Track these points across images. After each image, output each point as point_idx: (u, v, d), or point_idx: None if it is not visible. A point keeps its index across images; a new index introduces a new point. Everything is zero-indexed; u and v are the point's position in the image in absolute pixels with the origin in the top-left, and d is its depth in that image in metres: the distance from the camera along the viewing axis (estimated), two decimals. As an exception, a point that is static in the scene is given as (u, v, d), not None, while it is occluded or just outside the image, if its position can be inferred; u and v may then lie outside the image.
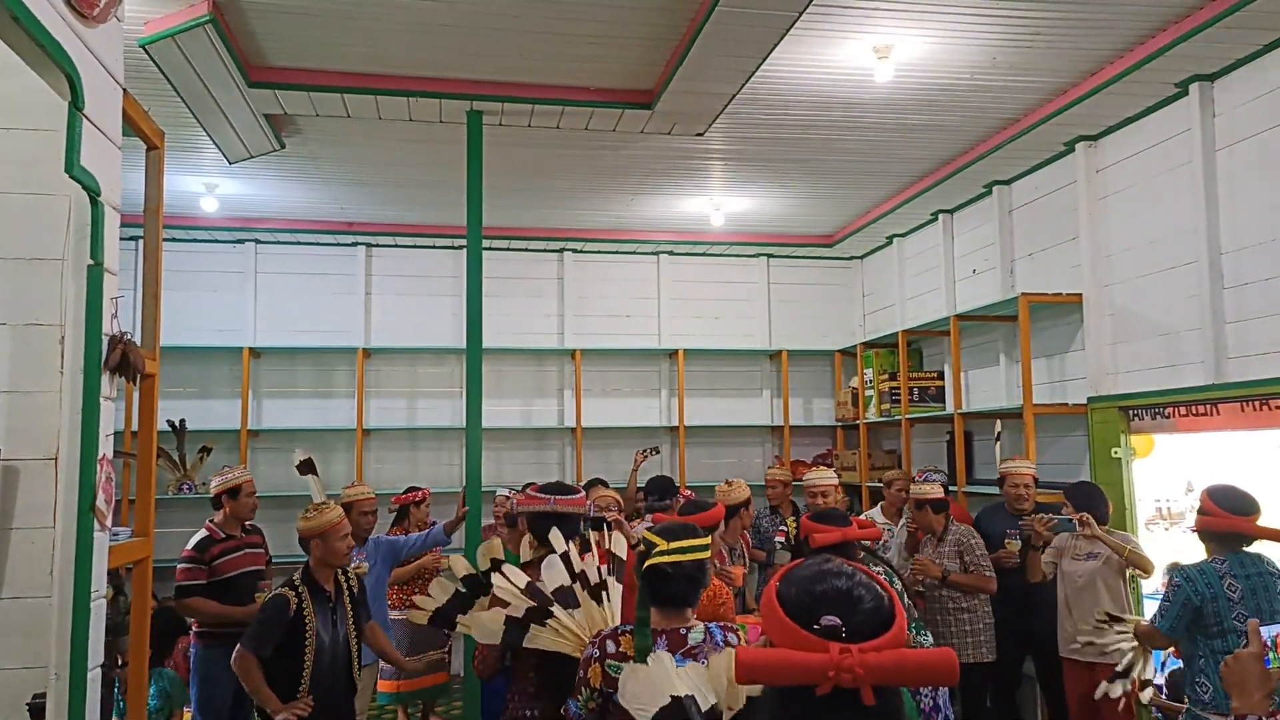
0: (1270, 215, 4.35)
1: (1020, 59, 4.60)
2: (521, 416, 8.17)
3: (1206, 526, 3.50)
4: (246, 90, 4.75)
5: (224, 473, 4.90)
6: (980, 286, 6.66)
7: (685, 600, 2.40)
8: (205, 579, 4.60)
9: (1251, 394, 4.33)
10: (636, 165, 6.23)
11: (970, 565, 4.77)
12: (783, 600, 1.28)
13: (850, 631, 1.22)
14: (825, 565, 1.33)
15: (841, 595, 1.27)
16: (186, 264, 7.57)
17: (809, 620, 1.24)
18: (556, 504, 3.26)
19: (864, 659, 1.17)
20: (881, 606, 1.27)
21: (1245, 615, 3.35)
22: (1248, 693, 1.91)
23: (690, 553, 2.39)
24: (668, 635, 2.32)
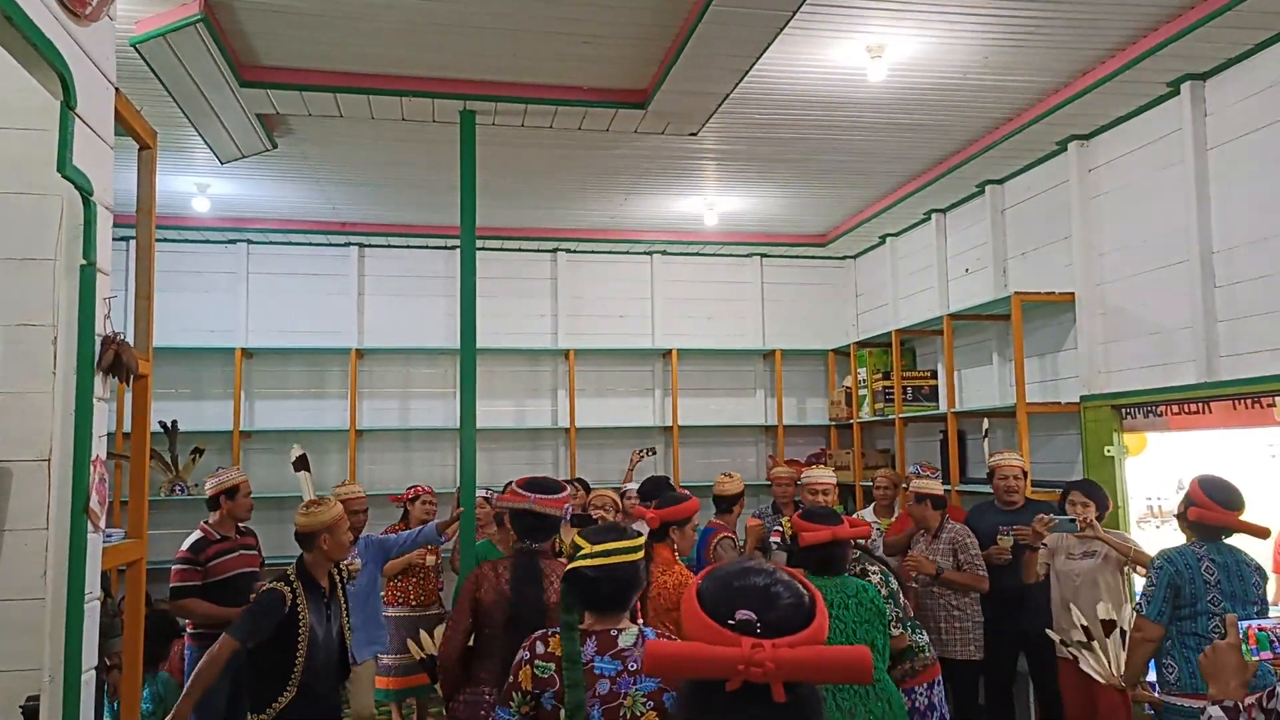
0: (1261, 214, 4.37)
1: (1013, 58, 4.61)
2: (515, 417, 8.16)
3: (1201, 519, 3.53)
4: (238, 90, 4.73)
5: (219, 474, 4.88)
6: (973, 286, 6.68)
7: (613, 605, 2.36)
8: (200, 580, 4.58)
9: (1243, 392, 4.35)
10: (630, 165, 6.23)
11: (964, 564, 4.77)
12: (701, 596, 1.27)
13: (767, 627, 1.21)
14: (747, 563, 1.33)
15: (759, 591, 1.26)
16: (178, 264, 7.54)
17: (725, 615, 1.23)
18: (535, 503, 3.27)
19: (776, 654, 1.16)
20: (801, 604, 1.26)
21: (1219, 599, 3.42)
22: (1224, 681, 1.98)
23: (616, 555, 2.34)
24: (598, 636, 2.29)
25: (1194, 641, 3.45)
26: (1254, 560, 3.56)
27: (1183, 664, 3.45)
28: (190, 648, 4.70)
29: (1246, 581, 3.48)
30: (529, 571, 3.22)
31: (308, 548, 3.74)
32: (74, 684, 2.02)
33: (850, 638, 3.31)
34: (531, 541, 3.30)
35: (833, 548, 3.45)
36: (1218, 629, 3.39)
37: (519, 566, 3.24)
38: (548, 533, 3.35)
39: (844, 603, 3.37)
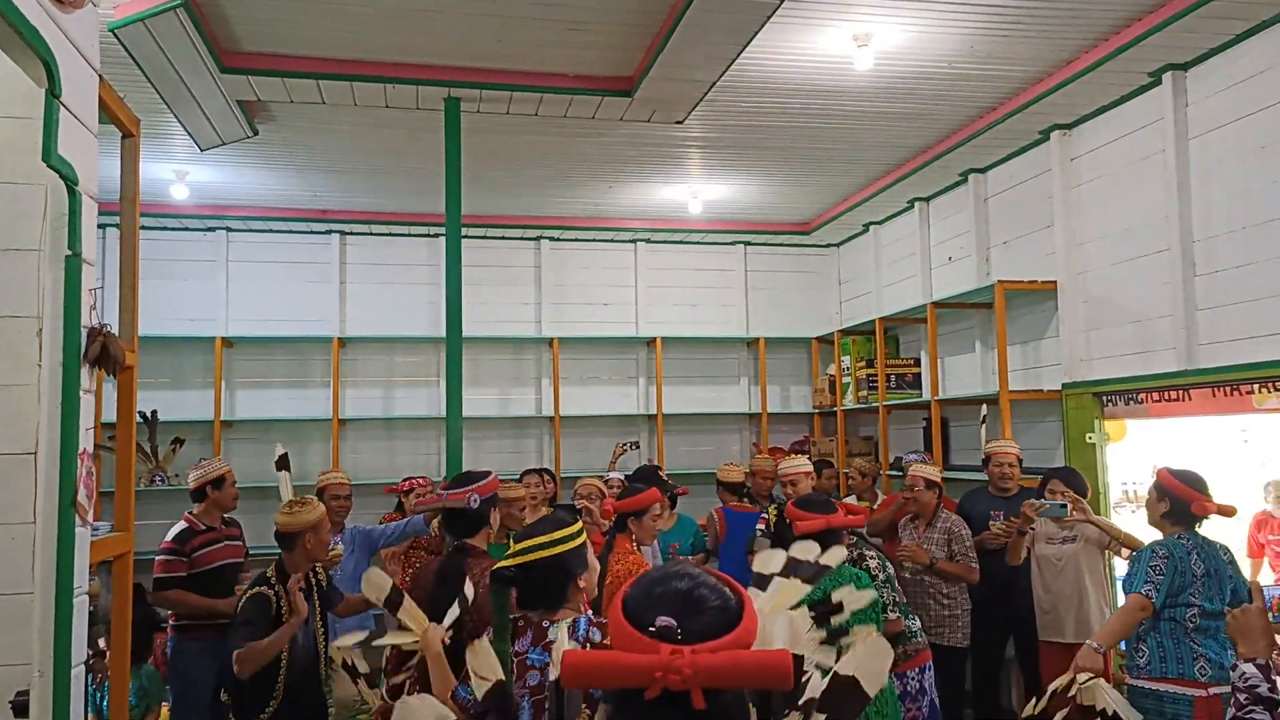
0: (1241, 203, 4.42)
1: (997, 48, 4.62)
2: (499, 405, 8.14)
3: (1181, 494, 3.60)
4: (219, 76, 4.67)
5: (203, 464, 4.84)
6: (956, 274, 6.72)
7: (542, 601, 2.33)
8: (185, 571, 4.55)
9: (1222, 380, 4.40)
10: (615, 153, 6.20)
11: (957, 555, 4.81)
12: (625, 603, 1.24)
13: (689, 634, 1.17)
14: (672, 568, 1.30)
15: (680, 596, 1.23)
16: (156, 252, 7.44)
17: (645, 622, 1.20)
18: (447, 499, 3.21)
19: (694, 660, 1.12)
20: (727, 608, 1.22)
21: (1200, 592, 3.50)
22: (1253, 641, 2.15)
23: (535, 551, 2.31)
24: (533, 629, 2.29)
25: (1169, 628, 3.52)
26: (1229, 551, 3.66)
27: (1154, 649, 3.52)
28: (173, 639, 4.67)
29: (1223, 575, 3.56)
30: (449, 572, 3.15)
31: (289, 547, 3.70)
32: (64, 678, 2.00)
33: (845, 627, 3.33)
34: (456, 538, 3.24)
35: (825, 536, 3.46)
36: (1194, 618, 3.47)
37: (441, 566, 3.21)
38: (469, 527, 3.25)
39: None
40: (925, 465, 5.15)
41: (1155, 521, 3.71)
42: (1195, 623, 3.50)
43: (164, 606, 4.62)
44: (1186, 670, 3.46)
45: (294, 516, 3.69)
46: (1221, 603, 3.51)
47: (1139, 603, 3.60)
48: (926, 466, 5.11)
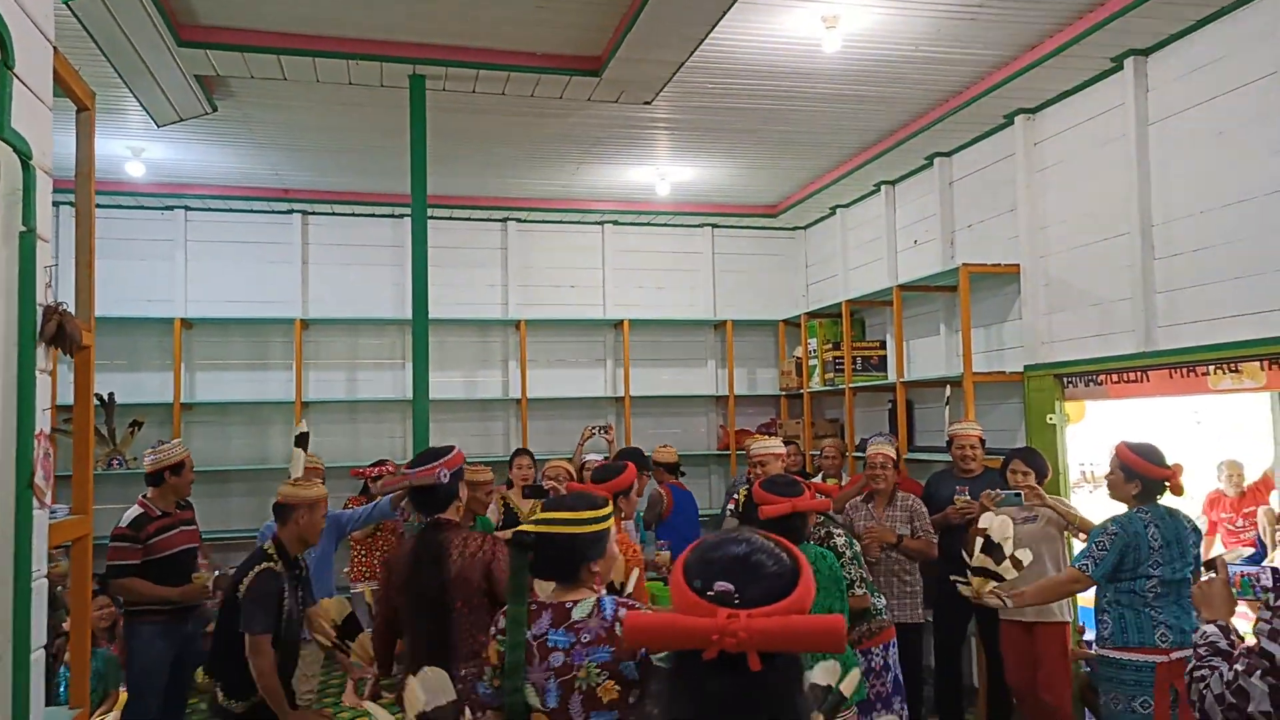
0: (1199, 188, 4.50)
1: (963, 31, 4.65)
2: (465, 388, 8.09)
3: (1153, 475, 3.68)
4: (176, 50, 4.56)
5: (161, 448, 4.75)
6: (921, 257, 6.77)
7: (552, 572, 2.34)
8: (140, 558, 4.47)
9: (1179, 361, 4.49)
10: (582, 133, 6.16)
11: (919, 531, 4.89)
12: (686, 566, 1.30)
13: (747, 598, 1.23)
14: (731, 533, 1.35)
15: (737, 561, 1.29)
16: (112, 231, 7.28)
17: (704, 587, 1.25)
18: (415, 478, 3.19)
19: (750, 624, 1.18)
20: (783, 573, 1.28)
21: (1159, 563, 3.60)
22: (1215, 608, 2.33)
23: (558, 525, 2.31)
24: (553, 610, 2.28)
25: (1128, 599, 3.61)
26: (1191, 521, 3.75)
27: (1116, 620, 3.63)
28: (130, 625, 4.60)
29: (1185, 543, 3.65)
30: (428, 548, 3.15)
31: (283, 520, 3.70)
32: (23, 663, 1.96)
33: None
34: (428, 514, 3.24)
35: (793, 518, 3.48)
36: (1154, 589, 3.56)
37: (419, 544, 3.19)
38: (440, 502, 3.23)
39: None
40: (886, 444, 5.22)
41: (1123, 499, 3.77)
42: (1155, 592, 3.60)
43: (120, 594, 4.55)
44: (1147, 639, 3.56)
45: (296, 488, 3.71)
46: (1185, 570, 3.60)
47: (1073, 575, 3.74)
48: (887, 445, 5.18)
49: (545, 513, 2.36)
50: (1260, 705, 1.97)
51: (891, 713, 3.91)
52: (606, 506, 2.43)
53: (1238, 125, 4.29)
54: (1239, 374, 4.20)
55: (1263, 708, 1.97)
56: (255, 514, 7.23)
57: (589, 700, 2.18)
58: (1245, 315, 4.22)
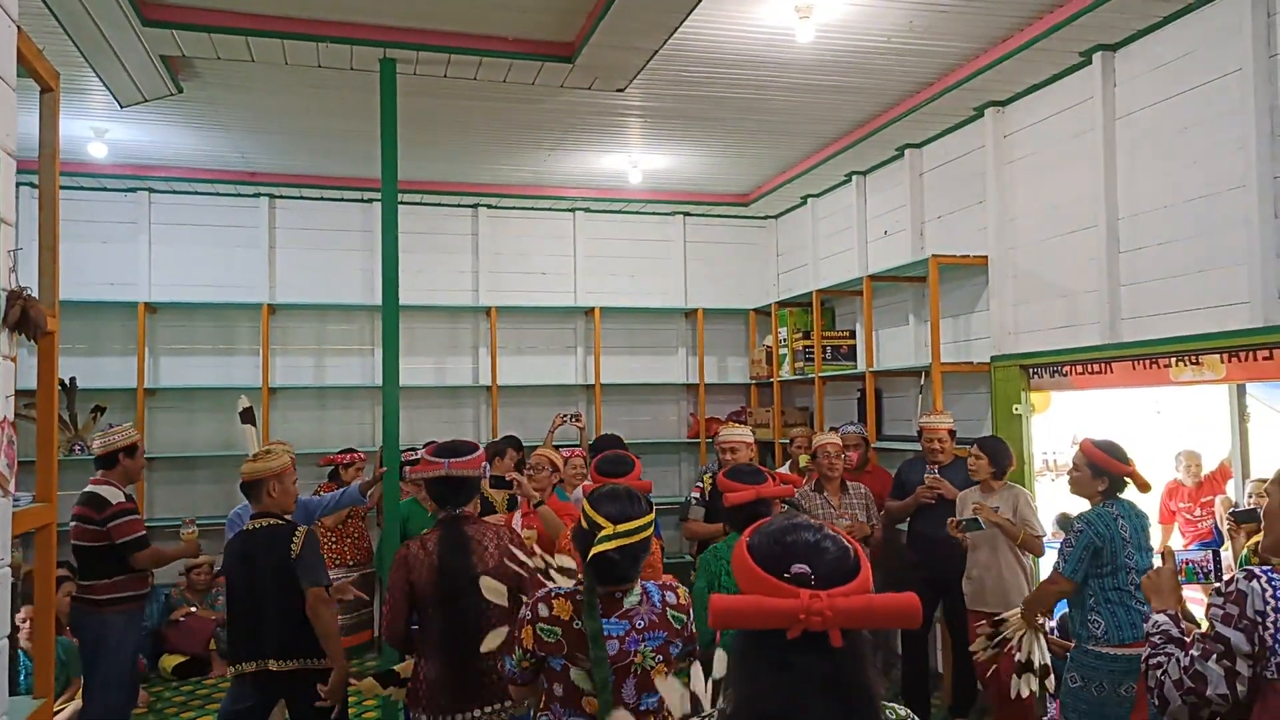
0: (1164, 182, 4.57)
1: (935, 23, 4.68)
2: (435, 375, 8.04)
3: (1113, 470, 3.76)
4: (140, 29, 4.46)
5: (111, 430, 4.67)
6: (891, 247, 6.82)
7: (627, 578, 2.42)
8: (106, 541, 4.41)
9: (1143, 353, 4.57)
10: (554, 120, 6.12)
11: (872, 519, 5.01)
12: (754, 551, 1.35)
13: (818, 578, 1.30)
14: (793, 519, 1.42)
15: (809, 546, 1.35)
16: (74, 213, 7.12)
17: (779, 569, 1.31)
18: (451, 468, 3.20)
19: (833, 603, 1.24)
20: (847, 556, 1.35)
21: (1132, 553, 3.68)
22: (1164, 597, 2.38)
23: (638, 534, 2.39)
24: (602, 601, 2.35)
25: (1116, 595, 3.66)
26: (1143, 510, 3.85)
27: (1109, 618, 3.66)
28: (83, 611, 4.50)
29: (1146, 532, 3.75)
30: (455, 542, 3.17)
31: (255, 498, 3.75)
32: (-14, 655, 1.93)
33: None
34: (452, 508, 3.25)
35: (757, 506, 3.51)
36: (1134, 581, 3.63)
37: (445, 538, 3.19)
38: (467, 496, 3.29)
39: None
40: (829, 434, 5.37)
41: (1089, 496, 3.84)
42: (1135, 584, 3.66)
43: (146, 564, 4.55)
44: (1139, 633, 3.60)
45: (257, 463, 3.75)
46: (1149, 560, 3.69)
47: (1054, 578, 3.80)
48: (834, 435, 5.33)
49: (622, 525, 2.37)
50: (1217, 689, 2.02)
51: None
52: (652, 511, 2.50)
53: (1201, 121, 4.36)
54: (1199, 366, 4.29)
55: (1220, 691, 2.02)
56: (220, 501, 7.15)
57: (642, 683, 2.30)
58: (1206, 309, 4.31)
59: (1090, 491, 3.82)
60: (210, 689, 6.18)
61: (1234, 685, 2.01)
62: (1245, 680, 2.00)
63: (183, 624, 6.50)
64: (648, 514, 2.45)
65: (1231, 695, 2.02)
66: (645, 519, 2.42)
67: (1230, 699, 2.02)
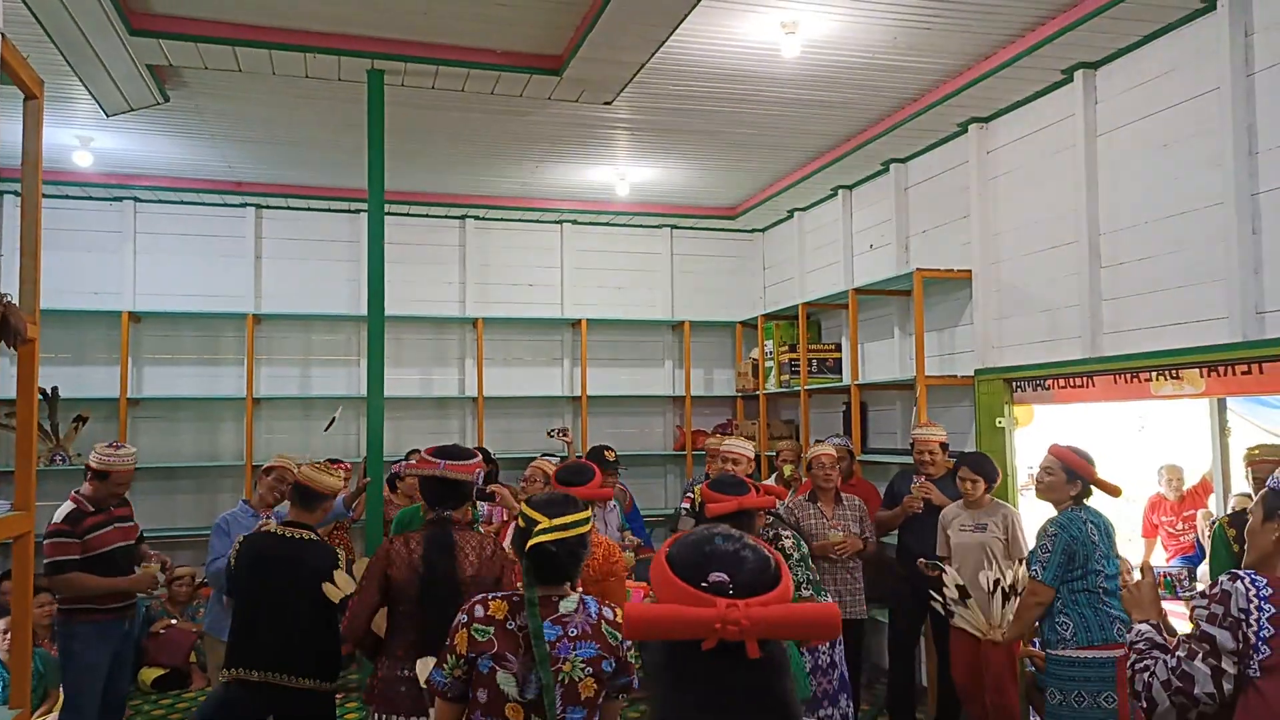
0: (1144, 199, 4.62)
1: (919, 40, 4.72)
2: (421, 385, 8.03)
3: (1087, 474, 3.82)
4: (127, 38, 4.46)
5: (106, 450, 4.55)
6: (877, 261, 6.86)
7: (566, 576, 2.40)
8: (79, 553, 4.32)
9: (1124, 367, 4.61)
10: (542, 132, 6.15)
11: (866, 531, 5.00)
12: (672, 560, 1.33)
13: (737, 588, 1.28)
14: (714, 529, 1.40)
15: (728, 555, 1.33)
16: (58, 222, 7.09)
17: (697, 578, 1.29)
18: (446, 469, 3.22)
19: (749, 612, 1.23)
20: (768, 567, 1.33)
21: (1102, 556, 3.73)
22: (1145, 609, 2.42)
23: (573, 528, 2.37)
24: (540, 602, 2.31)
25: (1085, 598, 3.70)
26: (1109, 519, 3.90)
27: (1077, 619, 3.69)
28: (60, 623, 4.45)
29: (1111, 538, 3.80)
30: (440, 544, 3.17)
31: (307, 507, 3.87)
32: (-40, 664, 1.91)
33: None
34: (442, 510, 3.25)
35: (739, 517, 3.51)
36: (1104, 586, 3.66)
37: (430, 539, 3.19)
38: (460, 500, 3.29)
39: None
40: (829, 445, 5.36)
41: (1060, 501, 3.87)
42: (1105, 588, 3.70)
43: (63, 591, 4.41)
44: (1108, 635, 3.66)
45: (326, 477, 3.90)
46: (1116, 566, 3.73)
47: (1030, 588, 3.81)
48: (829, 446, 5.31)
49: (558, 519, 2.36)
50: (1204, 687, 2.05)
51: (837, 709, 3.97)
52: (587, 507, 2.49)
53: (1180, 138, 4.42)
54: (1179, 380, 4.33)
55: (1207, 689, 2.05)
56: (203, 512, 7.11)
57: (568, 693, 2.23)
58: (1186, 323, 4.35)
59: (1063, 496, 3.85)
60: (190, 702, 6.11)
61: (1220, 684, 2.04)
62: (1231, 679, 2.03)
63: (163, 636, 6.43)
64: (583, 511, 2.44)
65: (1218, 694, 2.05)
66: (580, 515, 2.41)
67: (1217, 698, 2.05)
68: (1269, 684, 1.99)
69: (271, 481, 4.89)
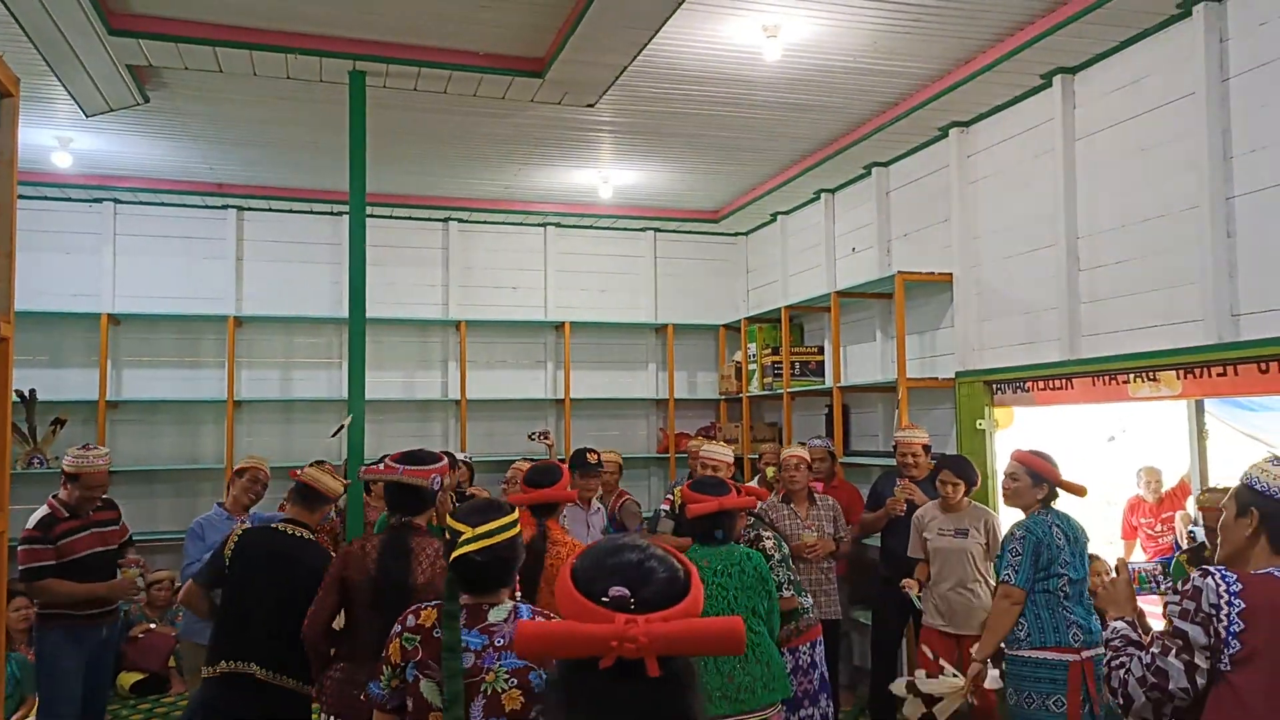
0: (1121, 202, 4.67)
1: (900, 44, 4.76)
2: (404, 388, 8.00)
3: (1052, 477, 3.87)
4: (106, 38, 4.43)
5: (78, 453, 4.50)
6: (859, 264, 6.90)
7: (499, 584, 2.32)
8: (54, 558, 4.24)
9: (1102, 369, 4.65)
10: (525, 135, 6.15)
11: (840, 531, 5.04)
12: (574, 574, 1.26)
13: (641, 603, 1.20)
14: (620, 540, 1.33)
15: (631, 567, 1.25)
16: (36, 223, 7.04)
17: (597, 592, 1.22)
18: (404, 474, 3.19)
19: (648, 629, 1.15)
20: (675, 579, 1.26)
21: (1066, 561, 3.77)
22: (1121, 606, 2.43)
23: (499, 534, 2.28)
24: (468, 610, 2.25)
25: (1044, 599, 3.74)
26: (1078, 522, 3.95)
27: (1032, 620, 3.75)
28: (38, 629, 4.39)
29: (1080, 541, 3.85)
30: (396, 549, 3.15)
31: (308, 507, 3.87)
32: (-70, 668, 1.89)
33: (733, 604, 3.42)
34: (402, 515, 3.23)
35: (719, 518, 3.53)
36: (1065, 588, 3.71)
37: (386, 544, 3.17)
38: (420, 506, 3.25)
39: (728, 570, 3.47)
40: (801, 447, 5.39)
41: (1027, 505, 3.90)
42: (1066, 591, 3.74)
43: (38, 597, 4.35)
44: (1062, 638, 3.69)
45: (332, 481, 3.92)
46: (1084, 570, 3.77)
47: (1003, 592, 3.83)
48: (801, 448, 5.33)
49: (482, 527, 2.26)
50: (1178, 682, 2.08)
51: (818, 708, 3.98)
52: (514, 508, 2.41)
53: (1157, 143, 4.47)
54: (1156, 382, 4.37)
55: (1181, 684, 2.07)
56: (183, 515, 7.05)
57: (491, 705, 2.16)
58: (1162, 325, 4.40)
59: (1030, 500, 3.89)
60: (169, 707, 6.06)
61: (1194, 678, 2.06)
62: (1204, 673, 2.06)
63: (141, 641, 6.38)
64: (510, 515, 2.35)
65: (1192, 688, 2.07)
66: (505, 519, 2.31)
67: (1191, 692, 2.07)
68: (1239, 677, 2.02)
69: (245, 483, 4.85)
